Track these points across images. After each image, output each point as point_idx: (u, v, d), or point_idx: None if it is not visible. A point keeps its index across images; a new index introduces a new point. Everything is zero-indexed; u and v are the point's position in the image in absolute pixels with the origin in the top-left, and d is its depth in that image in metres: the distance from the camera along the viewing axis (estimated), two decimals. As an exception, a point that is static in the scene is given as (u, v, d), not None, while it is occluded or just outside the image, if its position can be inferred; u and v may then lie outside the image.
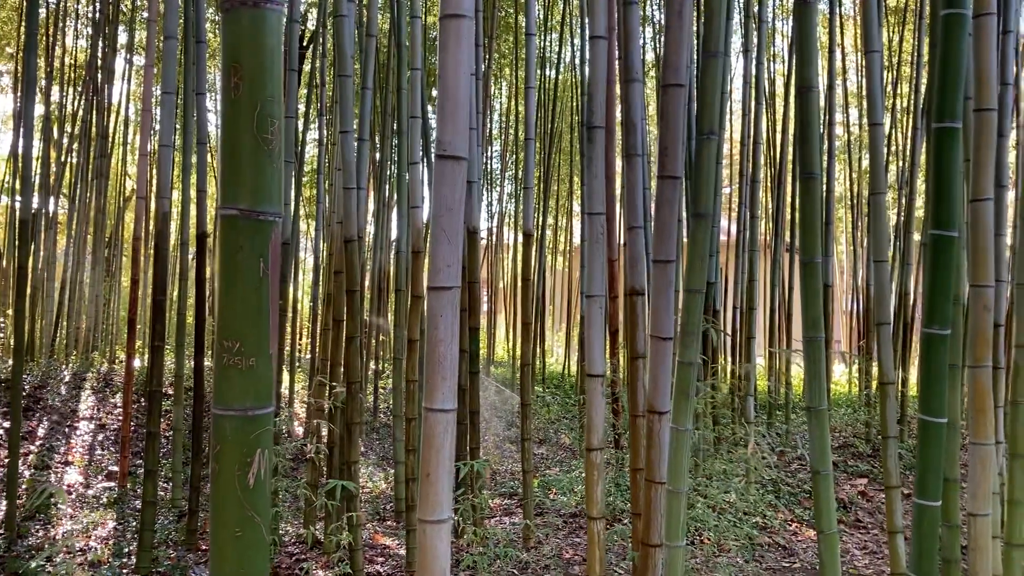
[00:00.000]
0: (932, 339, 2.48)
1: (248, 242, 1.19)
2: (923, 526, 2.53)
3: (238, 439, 1.20)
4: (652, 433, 3.40)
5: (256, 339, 1.20)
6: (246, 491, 1.20)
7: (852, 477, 7.09)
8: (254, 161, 1.19)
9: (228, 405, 1.20)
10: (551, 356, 15.09)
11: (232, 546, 1.20)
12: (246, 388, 1.20)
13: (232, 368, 1.20)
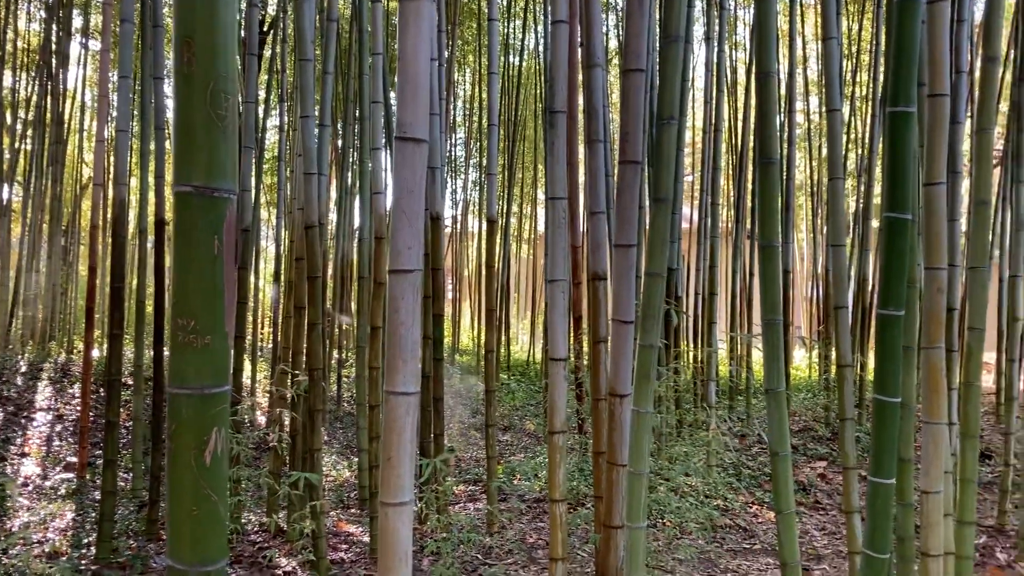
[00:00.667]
0: (887, 320, 2.52)
1: (202, 219, 1.17)
2: (877, 504, 2.58)
3: (194, 418, 1.19)
4: (614, 416, 3.43)
5: (211, 317, 1.19)
6: (203, 469, 1.19)
7: (811, 460, 7.20)
8: (208, 138, 1.18)
9: (184, 383, 1.19)
10: (516, 344, 15.12)
11: (189, 524, 1.20)
12: (201, 366, 1.19)
13: (187, 347, 1.19)
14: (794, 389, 9.99)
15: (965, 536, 4.02)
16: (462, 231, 14.05)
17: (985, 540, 5.22)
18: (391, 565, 2.10)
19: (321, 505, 4.53)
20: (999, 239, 7.56)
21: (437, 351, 5.40)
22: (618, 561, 3.38)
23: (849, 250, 8.98)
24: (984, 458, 7.14)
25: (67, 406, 8.00)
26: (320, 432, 4.78)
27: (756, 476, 6.51)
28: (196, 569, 1.20)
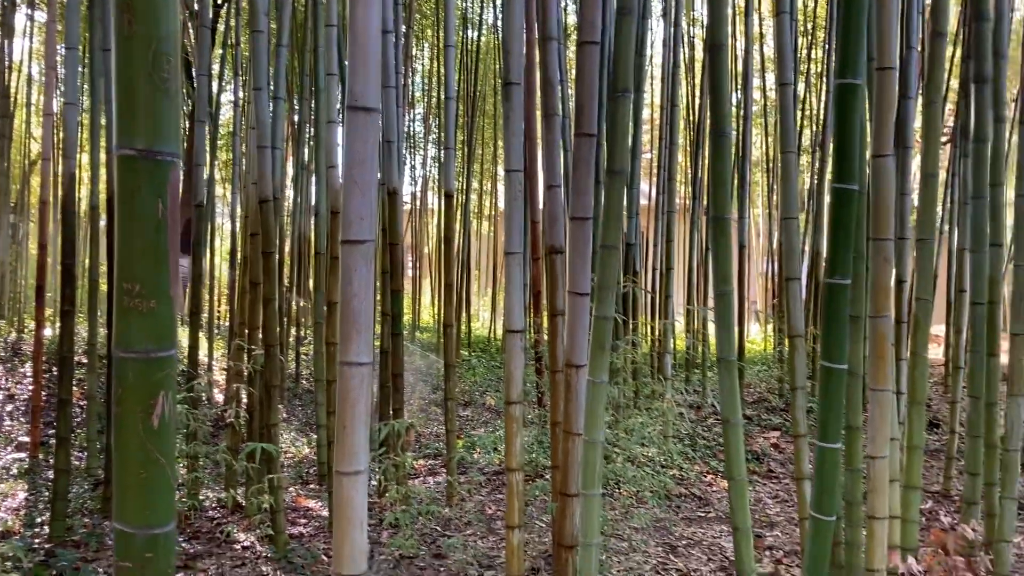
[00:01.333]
0: (834, 288, 2.58)
1: (146, 183, 1.17)
2: (825, 468, 2.64)
3: (140, 382, 1.19)
4: (570, 386, 3.47)
5: (156, 281, 1.18)
6: (150, 433, 1.19)
7: (765, 430, 7.34)
8: (150, 101, 1.17)
9: (129, 347, 1.19)
10: (477, 321, 15.14)
11: (136, 488, 1.20)
12: (147, 330, 1.19)
13: (132, 311, 1.18)
14: (749, 362, 10.14)
15: (911, 501, 4.13)
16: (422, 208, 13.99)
17: (931, 505, 5.38)
18: (346, 532, 2.11)
19: (279, 479, 4.53)
20: (948, 214, 7.72)
21: (396, 327, 5.40)
22: (574, 528, 3.43)
23: (803, 225, 9.12)
24: (932, 427, 7.33)
25: (18, 385, 7.87)
26: (277, 407, 4.77)
27: (711, 446, 6.62)
28: (144, 532, 1.21)
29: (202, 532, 4.75)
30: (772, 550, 4.66)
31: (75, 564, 4.16)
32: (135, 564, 1.21)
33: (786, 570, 4.32)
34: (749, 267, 10.17)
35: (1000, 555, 3.81)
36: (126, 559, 1.21)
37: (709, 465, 6.22)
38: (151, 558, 1.21)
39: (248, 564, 4.34)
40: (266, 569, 4.27)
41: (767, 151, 11.98)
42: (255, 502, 4.63)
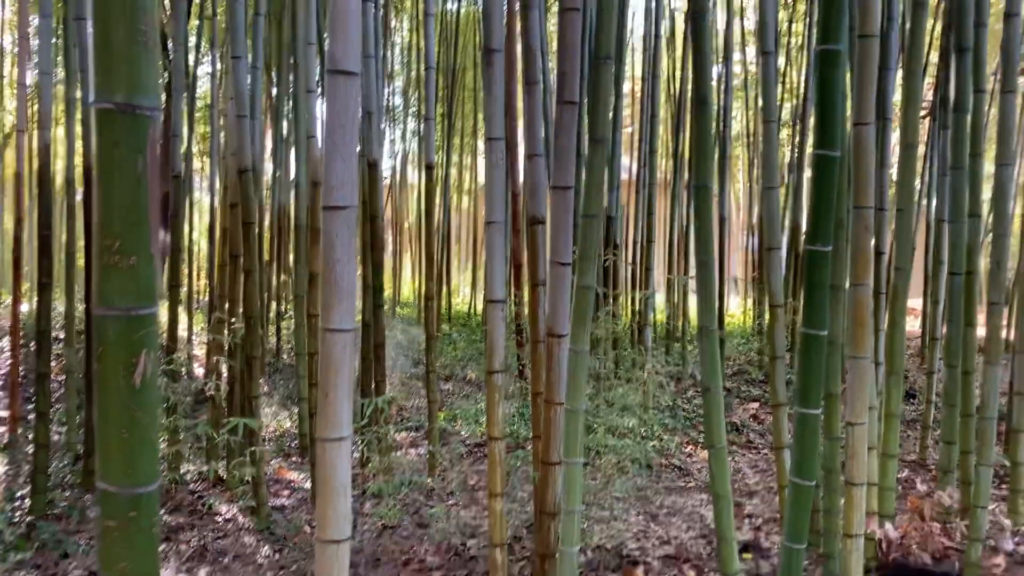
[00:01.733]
0: (815, 256, 2.59)
1: (125, 137, 1.15)
2: (804, 434, 2.67)
3: (121, 340, 1.17)
4: (551, 356, 3.48)
5: (136, 237, 1.17)
6: (132, 392, 1.18)
7: (745, 402, 7.41)
8: (129, 53, 1.15)
9: (110, 305, 1.18)
10: (457, 296, 15.13)
11: (120, 447, 1.19)
12: (127, 287, 1.17)
13: (112, 268, 1.17)
14: (729, 335, 10.20)
15: (888, 468, 4.19)
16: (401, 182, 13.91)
17: (908, 474, 5.45)
18: (330, 498, 2.11)
19: (261, 452, 4.52)
20: (927, 187, 7.77)
21: (377, 299, 5.38)
22: (556, 496, 3.45)
23: (783, 199, 9.15)
24: (909, 397, 7.41)
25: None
26: (258, 380, 4.75)
27: (691, 418, 6.67)
28: (128, 491, 1.20)
29: (184, 505, 4.75)
30: (752, 518, 4.72)
31: (57, 536, 4.15)
32: (119, 523, 1.20)
33: (765, 537, 4.37)
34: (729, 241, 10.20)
35: (975, 520, 3.87)
36: (111, 518, 1.20)
37: (689, 436, 6.28)
38: (135, 517, 1.21)
39: (231, 535, 4.35)
40: (249, 540, 4.28)
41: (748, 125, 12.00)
42: (237, 474, 4.62)
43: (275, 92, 8.50)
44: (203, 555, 4.09)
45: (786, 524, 2.74)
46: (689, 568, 4.00)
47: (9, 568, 3.79)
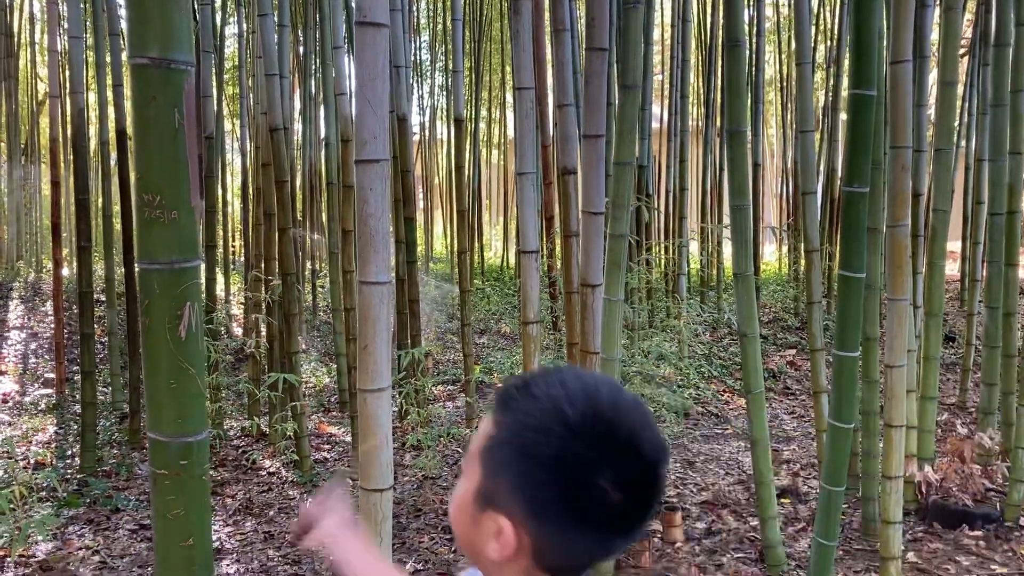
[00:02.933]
0: (852, 197, 2.56)
1: (161, 92, 1.16)
2: (843, 376, 2.66)
3: (166, 293, 1.20)
4: (586, 306, 3.48)
5: (176, 192, 1.19)
6: (178, 343, 1.20)
7: (781, 349, 7.38)
8: (161, 9, 1.16)
9: (154, 259, 1.20)
10: (489, 250, 15.14)
11: (168, 397, 1.22)
12: (170, 241, 1.19)
13: (155, 222, 1.19)
14: (764, 283, 10.13)
15: (927, 411, 4.17)
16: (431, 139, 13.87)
17: (947, 417, 5.42)
18: (372, 447, 2.15)
19: (301, 406, 4.60)
20: (966, 128, 7.60)
21: (410, 254, 5.41)
22: (594, 444, 3.48)
23: (818, 143, 9.00)
24: (948, 341, 7.33)
25: (40, 324, 7.97)
26: (296, 336, 4.82)
27: (727, 366, 6.67)
28: (177, 440, 1.23)
29: (228, 460, 4.86)
30: (789, 463, 4.73)
31: (107, 492, 4.27)
32: (171, 472, 1.24)
33: (803, 482, 4.38)
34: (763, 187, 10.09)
35: (1017, 461, 3.84)
36: (162, 467, 1.24)
37: (726, 384, 6.27)
38: (186, 465, 1.24)
39: (275, 489, 4.44)
40: (292, 493, 4.37)
41: (780, 69, 11.77)
42: (279, 429, 4.71)
43: (302, 51, 8.48)
44: (249, 508, 4.19)
45: (825, 467, 2.74)
46: (727, 513, 4.03)
47: (63, 523, 3.91)
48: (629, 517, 0.85)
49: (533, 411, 0.84)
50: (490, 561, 0.89)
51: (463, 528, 0.92)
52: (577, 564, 0.90)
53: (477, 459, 0.89)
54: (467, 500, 0.90)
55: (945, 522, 3.81)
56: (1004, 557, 3.49)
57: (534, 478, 0.83)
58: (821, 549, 2.70)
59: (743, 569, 3.45)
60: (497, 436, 0.87)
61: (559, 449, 0.82)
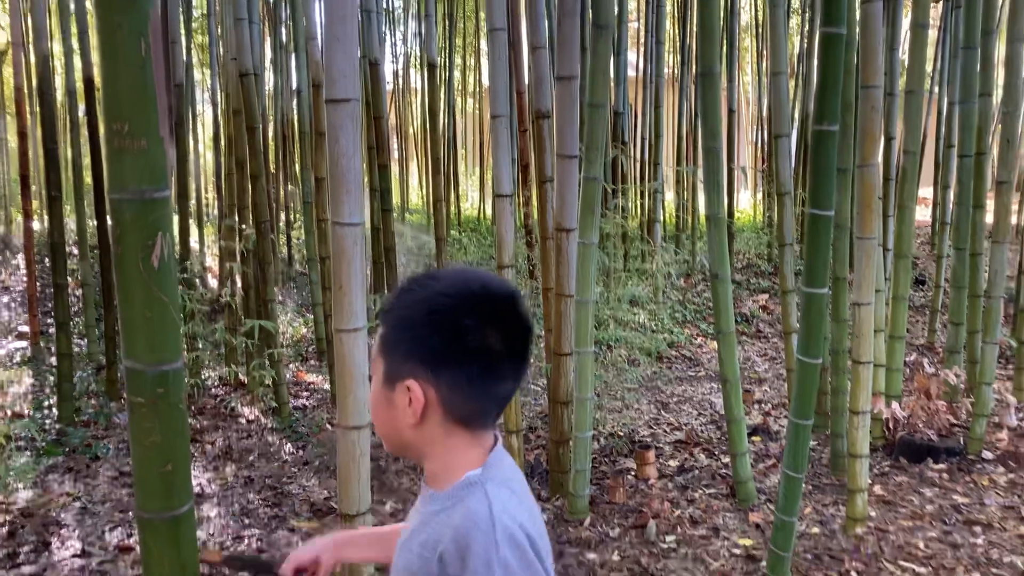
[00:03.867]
0: (822, 135, 2.58)
1: (126, 20, 1.15)
2: (811, 313, 2.71)
3: (138, 222, 1.20)
4: (561, 250, 3.51)
5: (144, 120, 1.19)
6: (152, 273, 1.22)
7: (754, 293, 7.46)
8: (124, -65, 1.15)
9: (124, 188, 1.20)
10: (466, 201, 15.08)
11: (144, 326, 1.23)
12: (140, 170, 1.20)
13: (124, 151, 1.19)
14: (739, 230, 10.19)
15: (895, 350, 4.26)
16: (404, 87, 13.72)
17: (916, 357, 5.52)
18: (349, 387, 2.18)
19: (279, 354, 4.62)
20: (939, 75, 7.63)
21: (385, 202, 5.39)
22: (568, 385, 3.54)
23: (792, 89, 9.00)
24: (918, 284, 7.45)
25: (12, 277, 7.90)
26: (272, 284, 4.82)
27: (701, 310, 6.74)
28: (154, 369, 1.25)
29: (207, 408, 4.88)
30: (761, 403, 4.82)
31: (86, 441, 4.29)
32: (147, 400, 1.26)
33: (774, 421, 4.48)
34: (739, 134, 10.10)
35: (980, 397, 3.95)
36: (138, 395, 1.26)
37: (699, 328, 6.35)
38: (163, 393, 1.26)
39: (254, 435, 4.48)
40: (272, 439, 4.41)
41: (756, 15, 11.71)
42: (257, 377, 4.73)
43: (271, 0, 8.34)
44: (229, 454, 4.22)
45: (793, 401, 2.80)
46: (700, 451, 4.11)
47: (42, 471, 3.93)
48: (505, 353, 1.01)
49: (411, 299, 1.03)
50: (414, 434, 1.04)
51: (384, 421, 1.07)
52: (481, 408, 1.04)
53: (378, 356, 1.06)
54: (379, 392, 1.06)
55: (911, 456, 3.92)
56: (965, 488, 3.61)
57: (418, 335, 1.00)
58: (789, 480, 2.78)
59: (715, 504, 3.54)
60: (386, 329, 1.05)
61: (430, 305, 1.00)
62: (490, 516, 0.97)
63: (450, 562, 0.95)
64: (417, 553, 1.00)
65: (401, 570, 1.02)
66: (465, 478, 1.02)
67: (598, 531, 3.28)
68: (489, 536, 0.95)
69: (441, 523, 0.99)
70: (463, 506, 0.99)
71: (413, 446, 1.06)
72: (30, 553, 3.14)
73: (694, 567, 2.99)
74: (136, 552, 3.16)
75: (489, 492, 1.00)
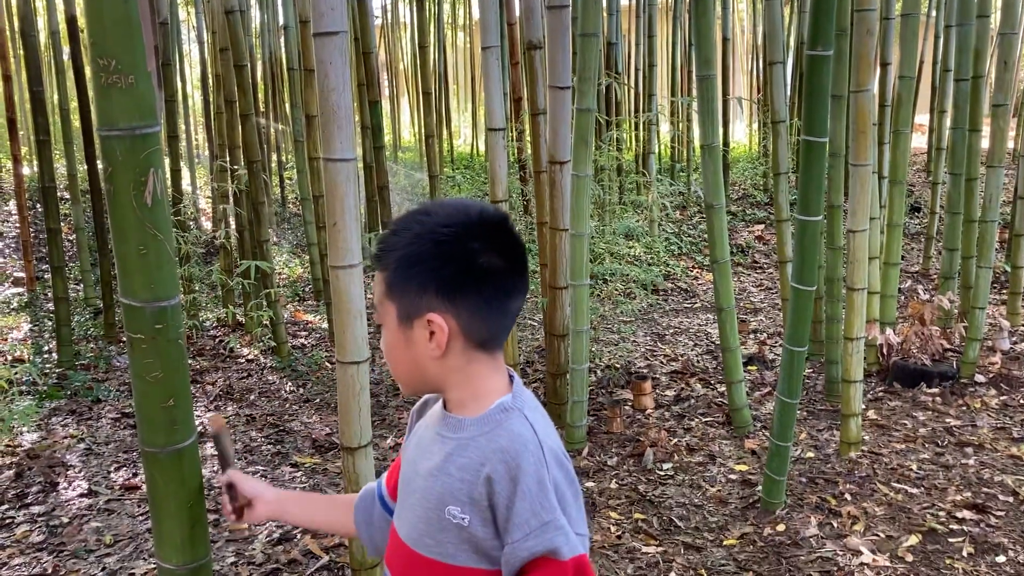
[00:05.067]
0: (816, 61, 2.56)
1: (107, -49, 1.13)
2: (805, 240, 2.72)
3: (129, 159, 1.20)
4: (555, 183, 3.50)
5: (131, 55, 1.17)
6: (145, 209, 1.21)
7: (750, 224, 7.46)
8: None
9: (114, 125, 1.19)
10: (458, 138, 14.95)
11: (139, 263, 1.24)
12: (129, 107, 1.19)
13: (112, 87, 1.17)
14: (734, 161, 10.14)
15: (890, 277, 4.27)
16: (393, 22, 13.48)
17: (910, 284, 5.56)
18: (347, 323, 2.19)
19: (276, 294, 4.63)
20: None
21: (376, 139, 5.34)
22: (564, 318, 3.56)
23: (788, 15, 8.87)
24: (914, 211, 7.45)
25: (4, 223, 7.87)
26: (266, 224, 4.80)
27: (696, 243, 6.75)
28: (151, 305, 1.25)
29: (206, 350, 4.91)
30: (756, 333, 4.86)
31: (87, 384, 4.32)
32: (146, 336, 1.26)
33: (769, 350, 4.52)
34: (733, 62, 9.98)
35: (974, 321, 3.98)
36: (137, 332, 1.26)
37: (695, 260, 6.37)
38: (161, 329, 1.27)
39: (254, 374, 4.52)
40: (272, 378, 4.45)
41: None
42: (254, 317, 4.75)
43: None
44: (229, 394, 4.27)
45: (787, 328, 2.83)
46: (696, 381, 4.16)
47: (46, 414, 3.97)
48: (511, 270, 1.05)
49: (411, 236, 1.04)
50: (437, 367, 1.06)
51: (404, 361, 1.08)
52: (499, 328, 1.08)
53: (386, 299, 1.07)
54: (395, 334, 1.08)
55: (904, 381, 3.97)
56: (958, 411, 3.66)
57: (429, 267, 1.02)
58: (783, 406, 2.82)
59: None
60: (388, 272, 1.05)
61: (435, 237, 1.02)
62: (536, 438, 1.01)
63: (499, 481, 0.98)
64: (457, 476, 1.01)
65: (439, 494, 1.03)
66: (499, 403, 1.05)
67: (596, 460, 3.33)
68: (539, 457, 0.99)
69: (481, 447, 1.02)
70: (504, 429, 1.02)
71: (436, 379, 1.07)
72: (38, 493, 3.19)
73: (691, 493, 3.05)
74: (141, 491, 3.21)
75: (528, 416, 1.04)
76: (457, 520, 1.01)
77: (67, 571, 2.67)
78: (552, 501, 0.98)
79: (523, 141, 6.88)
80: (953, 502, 2.89)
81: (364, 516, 1.26)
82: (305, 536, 2.82)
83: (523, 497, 0.97)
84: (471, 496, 1.00)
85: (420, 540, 1.05)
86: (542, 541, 0.96)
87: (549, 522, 0.97)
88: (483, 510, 0.99)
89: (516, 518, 0.97)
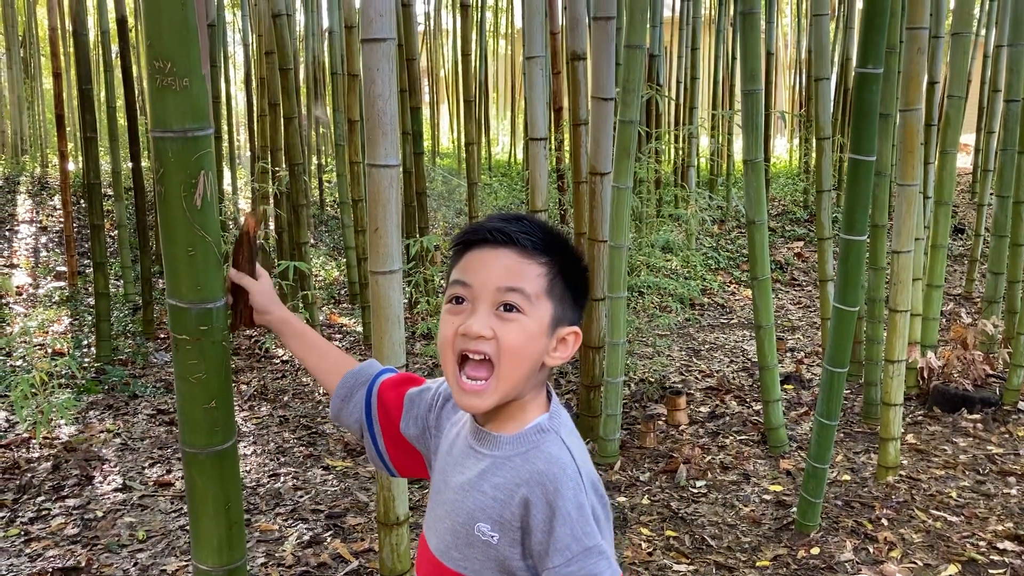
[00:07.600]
0: (865, 78, 2.52)
1: (167, -46, 1.14)
2: (849, 260, 2.68)
3: (180, 161, 1.20)
4: (595, 194, 3.48)
5: (187, 58, 1.18)
6: (194, 212, 1.22)
7: (789, 241, 7.38)
8: None
9: (167, 127, 1.20)
10: (496, 145, 14.98)
11: (187, 265, 1.24)
12: (183, 109, 1.19)
13: (167, 90, 1.18)
14: (775, 176, 10.05)
15: (933, 299, 4.20)
16: (435, 28, 13.56)
17: (953, 306, 5.46)
18: (384, 328, 2.20)
19: (312, 296, 4.66)
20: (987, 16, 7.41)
21: (416, 145, 5.37)
22: (600, 330, 3.54)
23: (833, 31, 8.79)
24: (958, 232, 7.33)
25: (49, 218, 8.00)
26: (306, 226, 4.84)
27: (735, 257, 6.69)
28: (197, 307, 1.26)
29: (241, 349, 4.95)
30: (794, 351, 4.80)
31: (125, 380, 4.38)
32: (191, 337, 1.27)
33: (807, 369, 4.46)
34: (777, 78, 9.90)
35: (1018, 346, 3.89)
36: (182, 332, 1.27)
37: (732, 275, 6.31)
38: (206, 331, 1.27)
39: (288, 376, 4.54)
40: (306, 379, 4.47)
41: (797, -46, 11.39)
42: (291, 319, 4.77)
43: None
44: (264, 394, 4.29)
45: (829, 348, 2.78)
46: (731, 398, 4.11)
47: (83, 408, 4.02)
48: None
49: (562, 241, 1.05)
50: (541, 374, 1.05)
51: (528, 360, 1.03)
52: None
53: (544, 296, 1.03)
54: (542, 331, 1.03)
55: (945, 406, 3.90)
56: (1000, 438, 3.58)
57: (578, 282, 1.06)
58: (821, 427, 2.78)
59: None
60: (552, 272, 1.03)
61: (576, 252, 1.06)
62: (574, 463, 1.00)
63: (536, 504, 0.97)
64: (491, 495, 1.00)
65: (469, 510, 1.01)
66: (536, 424, 1.04)
67: (628, 475, 3.30)
68: (577, 481, 0.98)
69: (517, 467, 1.00)
70: (541, 452, 1.01)
71: (523, 388, 1.04)
72: (74, 487, 3.23)
73: (724, 512, 3.01)
74: (175, 487, 3.24)
75: (565, 440, 1.02)
76: (486, 537, 1.00)
77: (100, 565, 2.70)
78: (593, 526, 0.97)
79: (561, 150, 6.88)
80: (994, 532, 2.82)
81: (345, 391, 1.24)
82: (335, 540, 2.83)
83: (564, 522, 0.95)
84: (503, 516, 0.99)
85: (447, 553, 1.05)
86: (585, 566, 0.95)
87: (592, 547, 0.96)
88: (513, 531, 0.99)
89: (557, 543, 0.95)
